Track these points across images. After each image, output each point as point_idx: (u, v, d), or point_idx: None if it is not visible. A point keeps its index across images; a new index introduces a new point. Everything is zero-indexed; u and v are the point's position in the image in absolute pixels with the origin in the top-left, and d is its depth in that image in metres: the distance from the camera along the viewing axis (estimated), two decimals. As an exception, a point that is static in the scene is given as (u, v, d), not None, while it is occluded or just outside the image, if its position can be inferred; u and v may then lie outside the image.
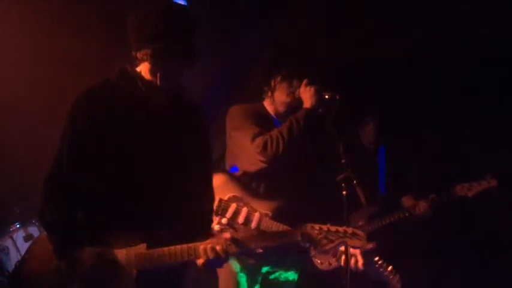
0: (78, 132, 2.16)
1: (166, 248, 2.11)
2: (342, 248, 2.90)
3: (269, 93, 3.16)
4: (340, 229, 2.23)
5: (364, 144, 4.51)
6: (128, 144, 2.17)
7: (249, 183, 3.01)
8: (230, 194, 2.88)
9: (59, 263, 2.08)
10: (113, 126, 2.16)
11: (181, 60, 2.20)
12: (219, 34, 4.70)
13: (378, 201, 4.08)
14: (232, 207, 2.83)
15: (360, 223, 3.91)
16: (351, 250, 2.85)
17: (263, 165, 2.96)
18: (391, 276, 3.36)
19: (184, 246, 2.12)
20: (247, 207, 2.85)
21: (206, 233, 2.26)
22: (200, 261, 2.11)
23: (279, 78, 3.10)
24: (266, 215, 2.87)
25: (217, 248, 2.09)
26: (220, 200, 2.82)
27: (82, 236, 2.10)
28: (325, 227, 2.22)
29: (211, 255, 2.08)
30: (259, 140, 2.91)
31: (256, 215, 2.84)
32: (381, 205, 4.03)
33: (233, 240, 2.14)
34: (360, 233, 2.26)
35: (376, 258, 3.32)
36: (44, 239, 2.18)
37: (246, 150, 2.98)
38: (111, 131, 2.16)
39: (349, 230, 2.25)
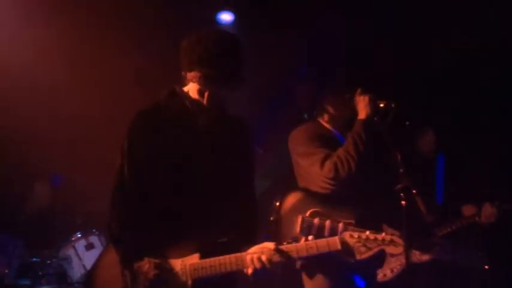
0: (136, 151, 2.29)
1: (217, 258, 2.17)
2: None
3: (324, 109, 3.10)
4: (379, 236, 2.22)
5: (422, 152, 4.37)
6: (180, 160, 2.28)
7: (324, 196, 2.92)
8: (310, 210, 2.80)
9: (123, 273, 2.17)
10: (165, 144, 2.29)
11: (228, 84, 2.31)
12: (265, 49, 4.75)
13: (437, 210, 3.93)
14: (316, 222, 2.74)
15: (416, 234, 3.76)
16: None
17: (337, 188, 2.85)
18: None
19: (233, 256, 2.18)
20: (330, 220, 2.76)
21: (253, 242, 2.29)
22: (249, 271, 2.17)
23: (330, 94, 3.05)
24: (350, 223, 2.77)
25: (263, 258, 2.14)
26: (303, 218, 2.74)
27: (143, 247, 2.19)
28: (363, 235, 2.22)
29: (257, 265, 2.14)
30: (328, 165, 2.81)
31: (341, 226, 2.75)
32: (441, 214, 3.88)
33: (277, 249, 2.17)
34: (399, 240, 2.22)
35: None
36: (111, 250, 2.28)
37: (315, 176, 2.89)
38: (164, 149, 2.28)
39: (388, 237, 2.23)
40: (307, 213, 2.79)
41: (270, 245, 2.17)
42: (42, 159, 4.67)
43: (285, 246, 2.18)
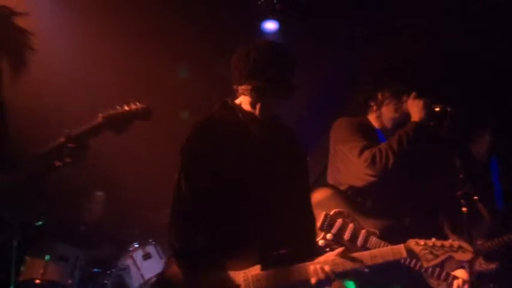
0: (192, 165, 2.32)
1: (279, 269, 2.17)
2: (455, 273, 2.75)
3: (375, 108, 3.09)
4: (446, 243, 2.18)
5: (476, 156, 4.24)
6: (237, 173, 2.30)
7: (355, 198, 2.94)
8: (336, 209, 2.82)
9: (186, 286, 2.21)
10: (220, 157, 2.31)
11: (279, 95, 2.32)
12: (316, 54, 4.75)
13: (499, 216, 3.80)
14: (338, 222, 2.77)
15: (479, 241, 3.65)
16: (461, 275, 2.72)
17: (370, 179, 2.87)
18: None
19: (295, 266, 2.18)
20: (354, 224, 2.78)
21: (312, 252, 2.30)
22: (312, 281, 2.15)
23: (387, 94, 3.03)
24: (373, 233, 2.78)
25: (326, 268, 2.13)
26: (326, 215, 2.77)
27: (205, 260, 2.22)
28: (430, 242, 2.18)
29: (321, 275, 2.12)
30: (367, 154, 2.84)
31: (363, 232, 2.77)
32: (503, 220, 3.75)
33: (342, 256, 2.15)
34: (467, 246, 2.18)
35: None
36: (174, 264, 2.32)
37: (352, 164, 2.92)
38: (219, 161, 2.30)
39: (456, 243, 2.19)
40: (332, 212, 2.80)
41: (335, 252, 2.16)
42: (100, 170, 4.80)
43: (348, 256, 2.16)
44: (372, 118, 3.14)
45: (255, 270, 2.18)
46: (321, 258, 2.17)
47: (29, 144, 2.55)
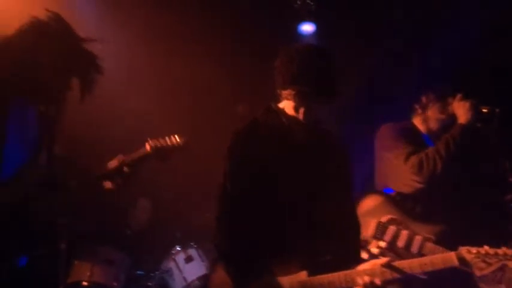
0: (237, 170, 2.34)
1: (325, 276, 2.16)
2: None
3: (420, 111, 3.04)
4: (500, 251, 2.11)
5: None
6: (282, 177, 2.30)
7: (405, 204, 2.89)
8: (388, 216, 2.78)
9: None
10: (264, 161, 2.32)
11: (322, 99, 2.32)
12: (353, 55, 4.70)
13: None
14: (391, 230, 2.73)
15: None
16: None
17: (418, 186, 2.83)
18: None
19: (342, 273, 2.16)
20: (407, 230, 2.73)
21: (358, 258, 2.29)
22: None
23: (432, 96, 2.98)
24: (429, 239, 2.72)
25: (376, 281, 2.09)
26: (378, 223, 2.73)
27: (252, 265, 2.23)
28: (482, 250, 2.11)
29: (368, 283, 2.09)
30: (413, 159, 2.80)
31: (418, 239, 2.71)
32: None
33: (388, 266, 2.11)
34: None
35: None
36: (221, 268, 2.33)
37: (399, 170, 2.88)
38: (264, 165, 2.31)
39: (510, 251, 2.11)
40: (384, 219, 2.76)
41: (380, 261, 2.13)
42: (143, 175, 4.90)
43: (397, 263, 2.13)
44: (417, 122, 3.08)
45: (301, 276, 2.18)
46: (367, 266, 2.15)
47: (80, 164, 2.70)
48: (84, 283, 4.23)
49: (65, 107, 2.42)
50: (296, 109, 2.36)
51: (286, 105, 2.39)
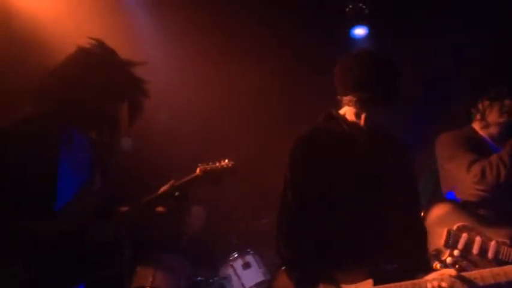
0: (298, 177, 2.35)
1: (392, 285, 2.13)
2: None
3: (478, 116, 2.95)
4: None
5: None
6: (344, 184, 2.29)
7: (474, 210, 2.81)
8: (459, 224, 2.70)
9: None
10: (326, 167, 2.32)
11: (384, 105, 2.31)
12: (407, 59, 4.61)
13: None
14: (464, 237, 2.64)
15: None
16: None
17: (483, 194, 2.76)
18: None
19: (410, 283, 2.11)
20: (480, 236, 2.64)
21: (426, 267, 2.23)
22: None
23: (487, 100, 2.89)
24: (504, 243, 2.63)
25: (443, 285, 2.05)
26: (449, 231, 2.65)
27: (316, 273, 2.23)
28: None
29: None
30: (475, 169, 2.72)
31: (493, 244, 2.62)
32: None
33: (459, 277, 2.06)
34: None
35: None
36: (283, 276, 2.35)
37: (461, 180, 2.82)
38: (328, 174, 2.31)
39: None
40: (455, 227, 2.67)
41: (450, 271, 2.08)
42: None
43: (468, 274, 2.07)
44: (477, 127, 3.00)
45: (367, 285, 2.15)
46: (438, 275, 2.10)
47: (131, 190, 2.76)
48: (147, 288, 4.36)
49: (117, 132, 2.45)
50: (357, 115, 2.36)
51: (347, 112, 2.39)
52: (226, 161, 2.66)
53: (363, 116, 2.34)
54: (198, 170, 2.61)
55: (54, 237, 2.26)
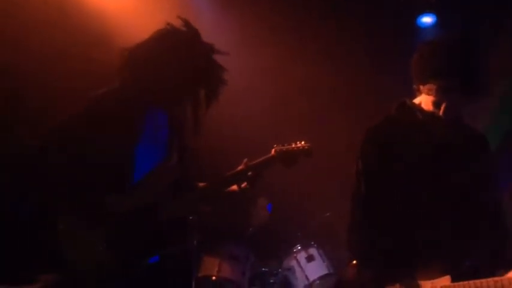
0: (370, 169, 2.28)
1: (471, 282, 2.02)
2: None
3: None
4: None
5: None
6: (418, 177, 2.20)
7: None
8: None
9: None
10: (399, 160, 2.22)
11: (467, 94, 2.17)
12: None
13: None
14: None
15: None
16: None
17: None
18: None
19: (491, 280, 2.00)
20: None
21: (508, 264, 2.10)
22: None
23: None
24: None
25: None
26: None
27: (392, 268, 2.17)
28: None
29: None
30: None
31: None
32: None
33: None
34: None
35: None
36: (355, 270, 2.33)
37: None
38: (400, 164, 2.22)
39: None
40: None
41: None
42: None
43: None
44: None
45: (445, 281, 2.06)
46: None
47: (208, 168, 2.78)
48: (213, 278, 4.47)
49: (198, 110, 2.47)
50: (436, 104, 2.21)
51: (424, 100, 2.27)
52: (303, 142, 2.62)
53: (443, 106, 2.20)
54: (273, 151, 2.59)
55: (130, 210, 2.34)
